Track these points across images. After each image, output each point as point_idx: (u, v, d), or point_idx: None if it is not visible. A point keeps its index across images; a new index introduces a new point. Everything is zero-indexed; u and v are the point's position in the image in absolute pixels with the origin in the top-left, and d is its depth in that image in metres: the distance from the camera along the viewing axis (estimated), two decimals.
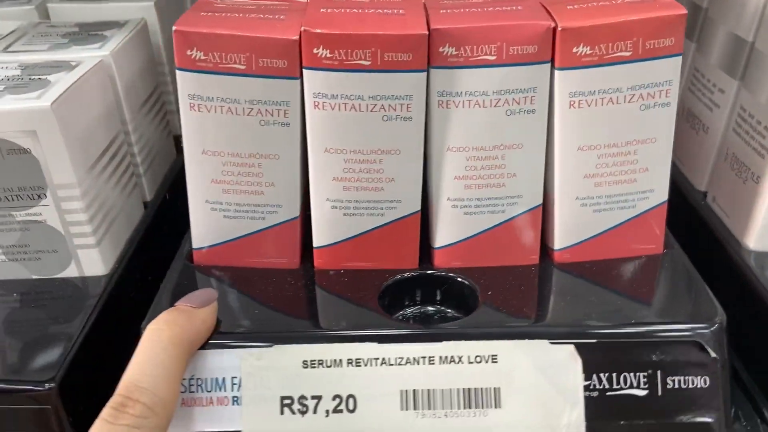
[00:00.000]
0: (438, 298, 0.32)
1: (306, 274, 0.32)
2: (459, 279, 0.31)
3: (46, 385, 0.25)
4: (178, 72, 0.27)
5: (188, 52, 0.27)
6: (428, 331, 0.28)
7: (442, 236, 0.31)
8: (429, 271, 0.31)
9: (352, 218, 0.31)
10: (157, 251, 0.37)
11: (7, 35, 0.36)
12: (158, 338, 0.25)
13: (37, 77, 0.30)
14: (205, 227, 0.31)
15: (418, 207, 0.31)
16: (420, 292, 0.32)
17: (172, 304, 0.27)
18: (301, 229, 0.32)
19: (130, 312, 0.33)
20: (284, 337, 0.27)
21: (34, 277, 0.31)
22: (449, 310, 0.31)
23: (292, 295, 0.30)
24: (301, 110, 0.28)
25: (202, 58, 0.27)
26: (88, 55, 0.32)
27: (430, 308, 0.32)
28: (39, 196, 0.29)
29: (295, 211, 0.31)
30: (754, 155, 0.33)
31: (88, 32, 0.36)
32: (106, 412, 0.23)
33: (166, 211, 0.39)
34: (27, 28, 0.37)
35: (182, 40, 0.26)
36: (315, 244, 0.32)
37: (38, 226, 0.30)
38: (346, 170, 0.29)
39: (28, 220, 0.30)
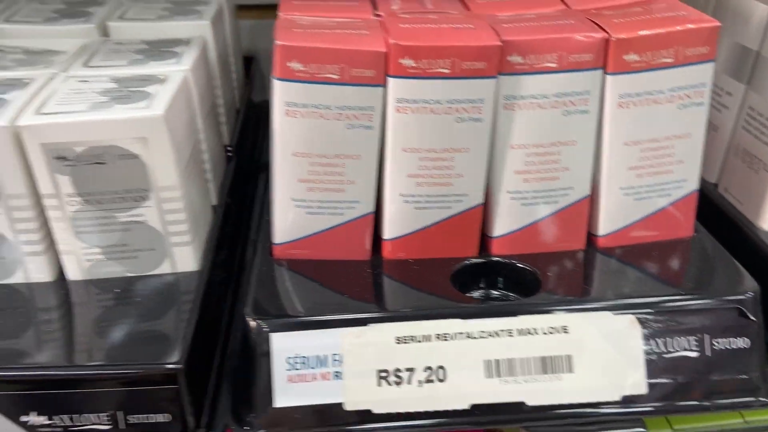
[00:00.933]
0: (500, 282, 0.35)
1: (379, 264, 0.35)
2: (520, 265, 0.34)
3: (175, 366, 0.27)
4: (276, 82, 0.30)
5: (288, 64, 0.30)
6: (507, 307, 0.31)
7: (501, 226, 0.35)
8: (494, 258, 0.35)
9: (422, 211, 0.34)
10: (226, 249, 0.40)
11: (77, 52, 0.39)
12: None
13: (135, 89, 0.32)
14: (288, 223, 0.34)
15: (482, 200, 0.34)
16: (484, 278, 0.35)
17: (263, 295, 0.30)
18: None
19: (217, 303, 0.36)
20: (378, 317, 0.30)
21: (128, 274, 0.33)
22: (511, 294, 0.35)
23: (372, 282, 0.34)
24: (381, 114, 0.32)
25: (301, 69, 0.30)
26: (170, 70, 0.35)
27: (494, 292, 0.35)
28: (142, 198, 0.31)
29: (371, 206, 0.34)
30: (765, 148, 0.37)
31: (159, 49, 0.39)
32: None
33: (228, 214, 0.42)
34: (96, 45, 0.40)
35: (284, 53, 0.30)
36: (386, 236, 0.35)
37: (139, 227, 0.32)
38: (421, 167, 0.33)
39: (130, 221, 0.32)
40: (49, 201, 0.31)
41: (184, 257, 0.33)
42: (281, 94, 0.31)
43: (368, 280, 0.34)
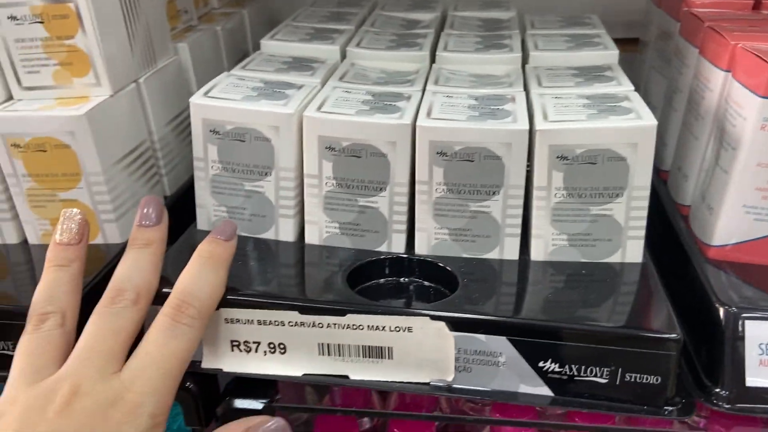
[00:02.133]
0: None
1: None
2: None
3: (676, 336, 0.32)
4: (758, 99, 0.34)
5: None
6: None
7: None
8: None
9: None
10: None
11: (518, 75, 0.46)
12: None
13: (613, 104, 0.38)
14: (733, 227, 0.38)
15: None
16: None
17: (723, 288, 0.33)
18: None
19: None
20: None
21: (582, 260, 0.39)
22: None
23: None
24: None
25: None
26: (620, 90, 0.41)
27: None
28: (617, 195, 0.37)
29: None
30: None
31: (591, 73, 0.45)
32: None
33: None
34: (530, 71, 0.47)
35: None
36: None
37: (606, 219, 0.38)
38: None
39: (599, 213, 0.38)
40: (538, 192, 0.38)
41: (634, 249, 0.39)
42: (762, 109, 0.35)
43: None
